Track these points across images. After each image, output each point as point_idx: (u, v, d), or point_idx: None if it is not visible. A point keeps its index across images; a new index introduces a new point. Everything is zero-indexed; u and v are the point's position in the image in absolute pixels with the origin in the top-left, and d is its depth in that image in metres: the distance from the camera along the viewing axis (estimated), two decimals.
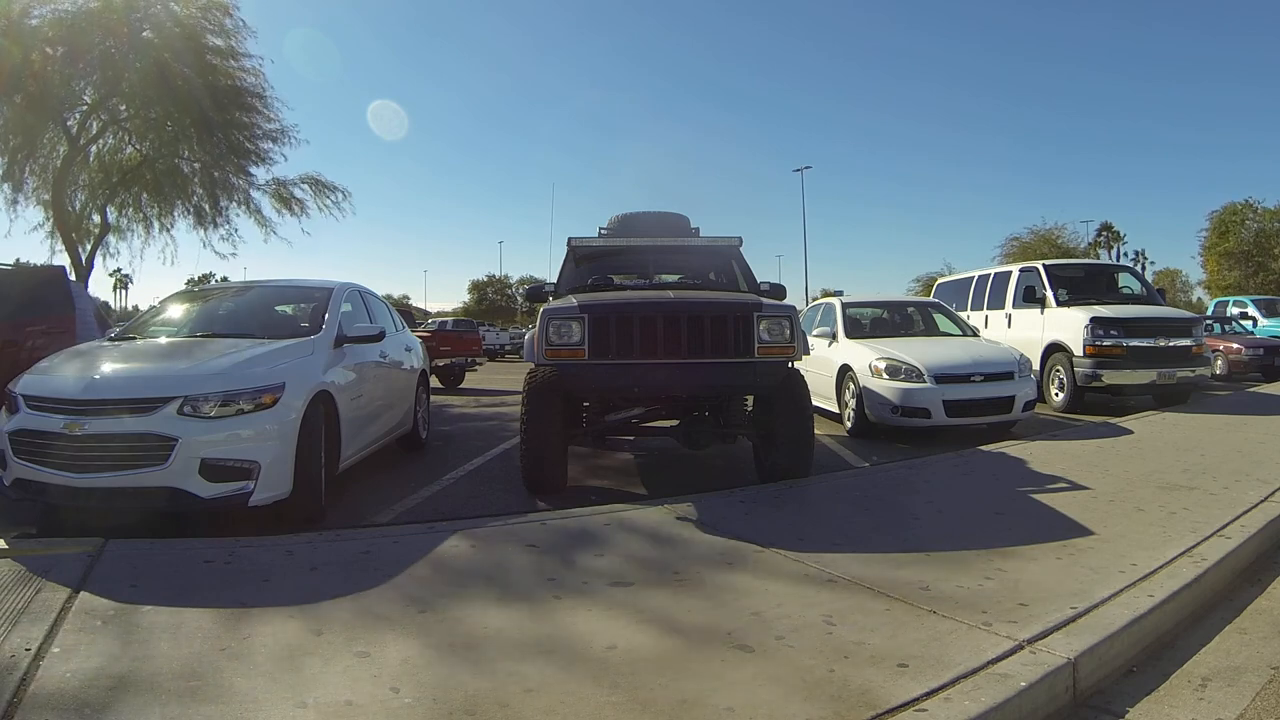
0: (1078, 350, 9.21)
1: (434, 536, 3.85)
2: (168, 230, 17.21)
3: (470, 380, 15.97)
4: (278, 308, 5.91)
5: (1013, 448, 6.37)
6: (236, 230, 17.02)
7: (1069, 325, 9.46)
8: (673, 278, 6.64)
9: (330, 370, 4.89)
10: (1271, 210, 31.09)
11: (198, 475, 3.93)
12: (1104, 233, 50.61)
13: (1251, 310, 17.22)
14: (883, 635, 2.62)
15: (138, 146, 16.32)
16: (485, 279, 67.53)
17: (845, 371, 8.03)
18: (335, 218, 17.69)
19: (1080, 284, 10.42)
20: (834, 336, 8.64)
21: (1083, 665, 2.46)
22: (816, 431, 5.50)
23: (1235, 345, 13.74)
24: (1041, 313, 10.00)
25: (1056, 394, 9.55)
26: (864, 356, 7.76)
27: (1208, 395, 10.51)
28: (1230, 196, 39.40)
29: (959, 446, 6.52)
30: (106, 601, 2.93)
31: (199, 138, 15.19)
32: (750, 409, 6.03)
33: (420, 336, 9.39)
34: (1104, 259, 40.74)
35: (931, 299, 11.29)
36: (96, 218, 16.88)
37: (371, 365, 5.68)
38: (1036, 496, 4.67)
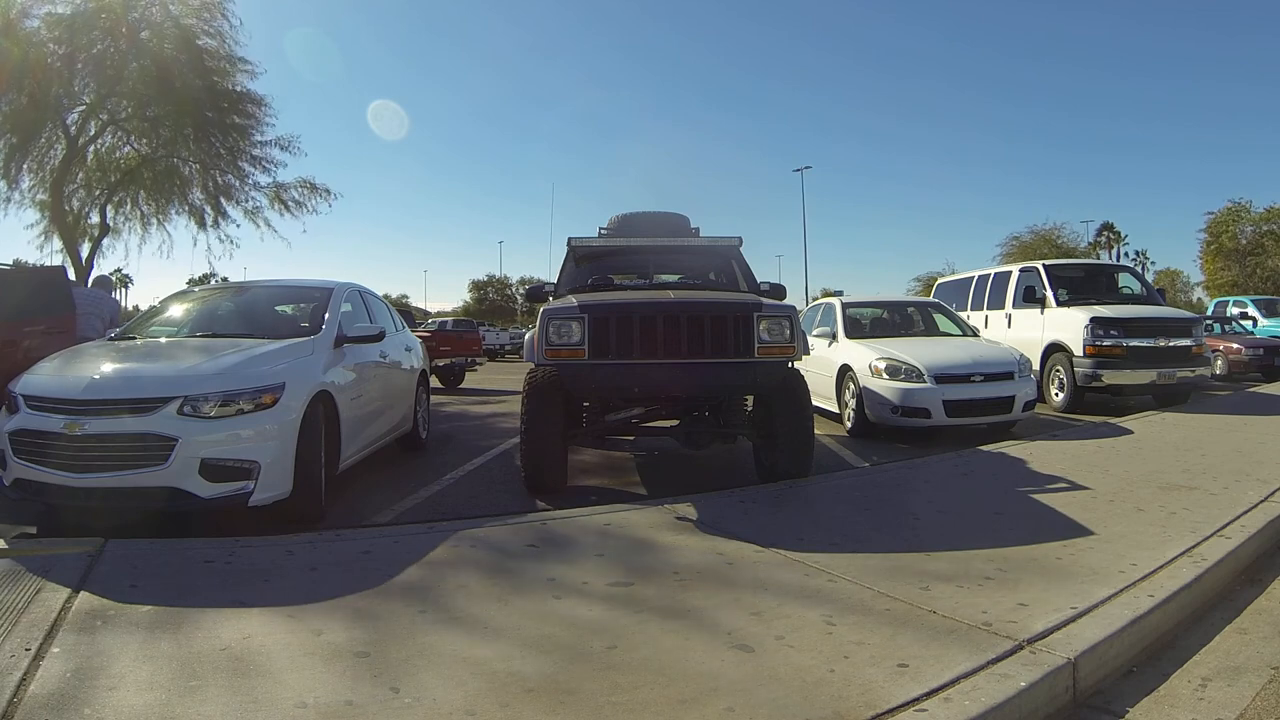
0: (1078, 350, 9.21)
1: (434, 536, 3.85)
2: (164, 226, 17.28)
3: (470, 380, 15.96)
4: (278, 308, 5.91)
5: (1013, 448, 6.37)
6: (236, 226, 17.11)
7: (1069, 325, 9.46)
8: (673, 278, 6.64)
9: (330, 370, 4.89)
10: (1264, 213, 31.15)
11: (198, 475, 3.93)
12: (1105, 233, 50.70)
13: (1251, 310, 17.22)
14: (883, 635, 2.62)
15: (136, 146, 16.34)
16: (485, 279, 67.62)
17: (845, 371, 8.03)
18: (322, 213, 17.96)
19: (1080, 284, 10.42)
20: (834, 336, 8.63)
21: (1083, 665, 2.45)
22: (816, 431, 5.49)
23: (1235, 345, 13.73)
24: (1041, 313, 10.00)
25: (1056, 394, 9.55)
26: (864, 356, 7.76)
27: (1208, 395, 10.51)
28: (1231, 196, 39.49)
29: (959, 446, 6.52)
30: (106, 602, 2.93)
31: (196, 139, 15.23)
32: (750, 409, 6.03)
33: (420, 336, 9.38)
34: (1104, 259, 40.77)
35: (931, 299, 11.29)
36: (95, 217, 16.91)
37: (371, 365, 5.68)
38: (1036, 496, 4.67)
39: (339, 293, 5.70)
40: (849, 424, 7.93)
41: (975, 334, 9.30)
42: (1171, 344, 9.23)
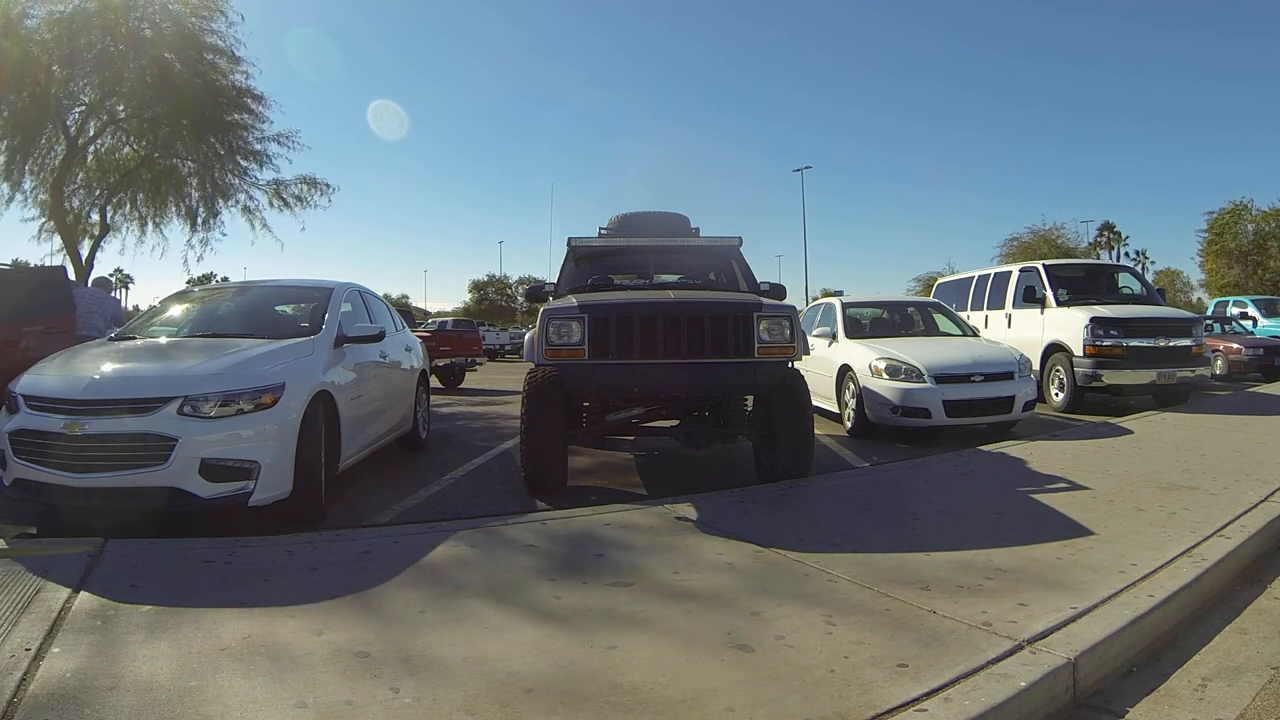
0: (1078, 350, 9.21)
1: (434, 536, 3.85)
2: (160, 228, 17.28)
3: (470, 380, 15.96)
4: (278, 308, 5.92)
5: (1013, 448, 6.37)
6: (223, 230, 17.13)
7: (1069, 325, 9.46)
8: (673, 278, 6.64)
9: (330, 370, 4.89)
10: (1267, 212, 31.13)
11: (198, 475, 3.93)
12: (1105, 233, 50.71)
13: (1251, 310, 17.22)
14: (883, 635, 2.62)
15: (135, 146, 16.33)
16: (485, 279, 67.65)
17: (845, 371, 8.03)
18: (322, 209, 17.99)
19: (1080, 284, 10.43)
20: (834, 336, 8.64)
21: (1083, 665, 2.46)
22: (816, 431, 5.49)
23: (1235, 345, 13.73)
24: (1041, 313, 10.00)
25: (1056, 394, 9.56)
26: (864, 356, 7.76)
27: (1208, 395, 10.51)
28: (1230, 196, 39.46)
29: (959, 446, 6.52)
30: (106, 602, 2.93)
31: (194, 138, 15.23)
32: (750, 409, 6.03)
33: (420, 336, 9.38)
34: (1104, 259, 40.76)
35: (931, 299, 11.29)
36: (95, 217, 16.91)
37: (371, 365, 5.68)
38: (1036, 496, 4.67)
39: (339, 293, 5.70)
40: (849, 424, 7.93)
41: (975, 334, 9.30)
42: (1171, 344, 9.24)
